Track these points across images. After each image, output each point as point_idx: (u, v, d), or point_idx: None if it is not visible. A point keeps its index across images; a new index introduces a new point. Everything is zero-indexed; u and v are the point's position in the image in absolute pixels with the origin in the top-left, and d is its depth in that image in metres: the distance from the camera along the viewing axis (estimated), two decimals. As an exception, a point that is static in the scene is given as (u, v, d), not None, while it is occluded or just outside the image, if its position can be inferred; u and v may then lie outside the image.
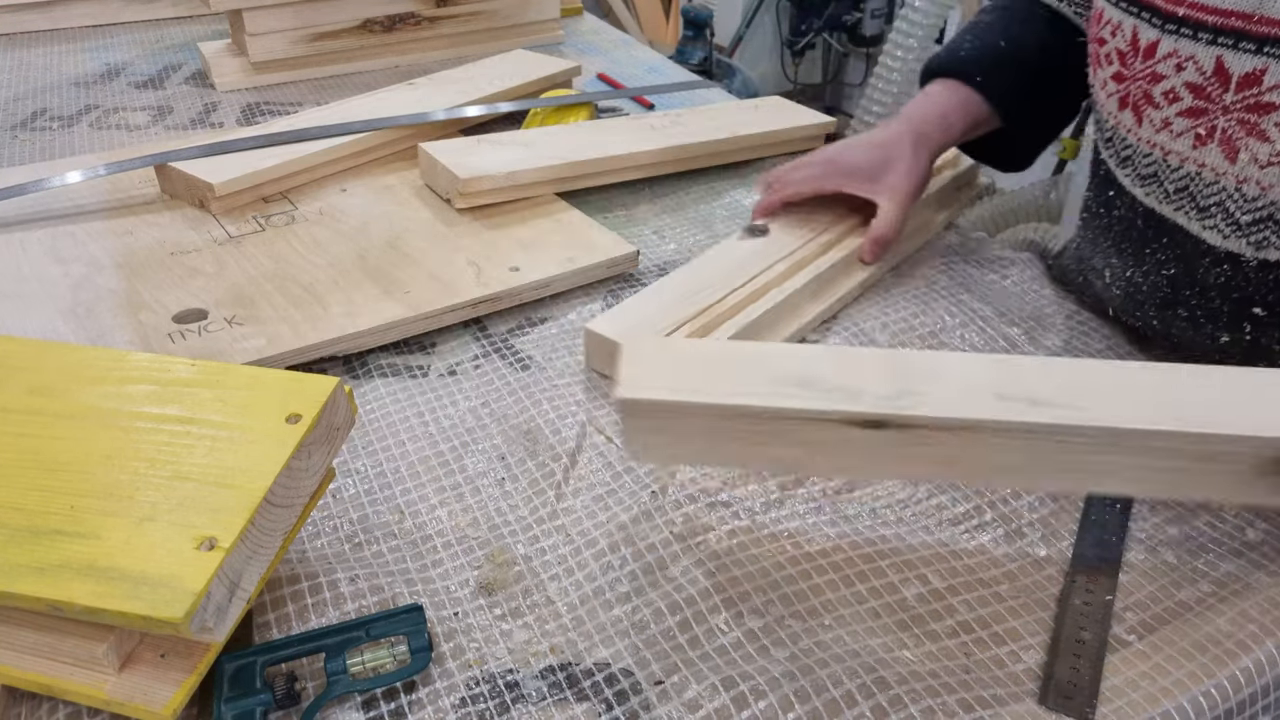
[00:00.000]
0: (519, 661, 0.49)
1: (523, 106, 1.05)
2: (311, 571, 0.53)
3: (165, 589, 0.40)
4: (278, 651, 0.47)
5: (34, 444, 0.47)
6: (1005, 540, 0.56)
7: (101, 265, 0.79)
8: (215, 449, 0.46)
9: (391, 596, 0.52)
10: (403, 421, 0.64)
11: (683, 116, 1.01)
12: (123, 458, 0.46)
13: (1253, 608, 0.52)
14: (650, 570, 0.54)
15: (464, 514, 0.58)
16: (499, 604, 0.52)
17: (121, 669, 0.44)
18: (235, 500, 0.43)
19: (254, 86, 1.17)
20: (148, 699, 0.43)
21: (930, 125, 0.76)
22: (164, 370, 0.51)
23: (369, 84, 1.15)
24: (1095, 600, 0.52)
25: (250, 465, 0.45)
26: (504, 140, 0.94)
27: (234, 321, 0.71)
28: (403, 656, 0.47)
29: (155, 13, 1.39)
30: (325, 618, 0.50)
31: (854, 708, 0.46)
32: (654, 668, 0.48)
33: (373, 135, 0.95)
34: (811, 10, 3.02)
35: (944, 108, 0.77)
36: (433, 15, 1.24)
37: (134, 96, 1.14)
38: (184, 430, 0.47)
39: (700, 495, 0.59)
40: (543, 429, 0.64)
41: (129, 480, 0.45)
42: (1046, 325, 0.73)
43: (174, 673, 0.44)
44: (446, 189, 0.88)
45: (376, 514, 0.58)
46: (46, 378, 0.51)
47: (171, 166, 0.88)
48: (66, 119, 1.08)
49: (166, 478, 0.45)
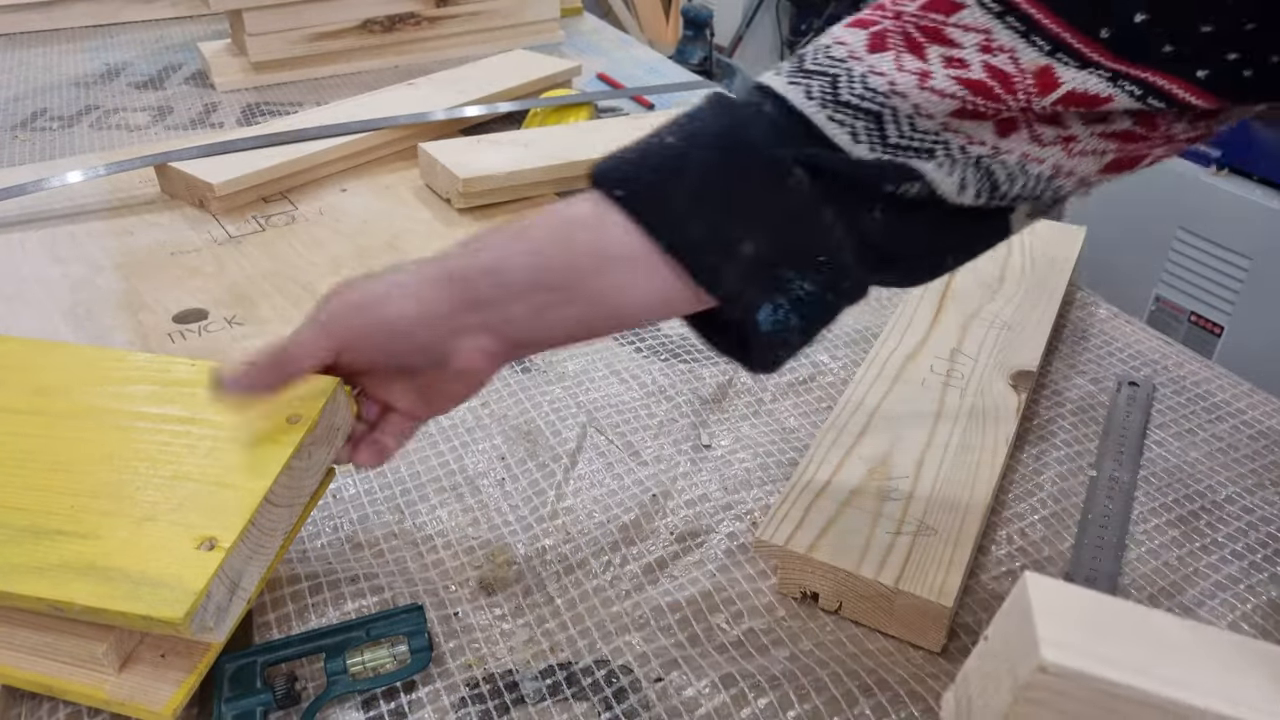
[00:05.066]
0: (519, 661, 0.49)
1: (523, 106, 1.05)
2: (311, 571, 0.53)
3: (166, 589, 0.40)
4: (278, 651, 0.47)
5: (35, 444, 0.47)
6: (1006, 540, 0.56)
7: (101, 265, 0.79)
8: (216, 449, 0.46)
9: (391, 596, 0.52)
10: (403, 421, 0.64)
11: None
12: (123, 457, 0.46)
13: (1254, 610, 0.52)
14: (650, 570, 0.54)
15: (464, 514, 0.58)
16: (499, 604, 0.52)
17: (121, 669, 0.44)
18: (235, 501, 0.43)
19: (254, 86, 1.17)
20: (148, 699, 0.43)
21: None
22: (164, 370, 0.51)
23: (369, 84, 1.15)
24: (1095, 600, 0.52)
25: (250, 465, 0.45)
26: (504, 140, 0.94)
27: (234, 321, 0.71)
28: (403, 656, 0.47)
29: (155, 13, 1.39)
30: (325, 618, 0.50)
31: (854, 707, 0.46)
32: (653, 665, 0.48)
33: (373, 135, 0.96)
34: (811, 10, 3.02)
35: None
36: (433, 15, 1.24)
37: (134, 97, 1.14)
38: (184, 430, 0.47)
39: (700, 499, 0.59)
40: (543, 429, 0.64)
41: (129, 480, 0.45)
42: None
43: (174, 672, 0.44)
44: (446, 189, 0.88)
45: (376, 514, 0.58)
46: (47, 378, 0.51)
47: (171, 166, 0.88)
48: (66, 119, 1.08)
49: (167, 478, 0.45)
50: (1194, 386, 0.69)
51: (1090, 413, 0.66)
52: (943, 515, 0.53)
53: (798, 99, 0.42)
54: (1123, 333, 0.75)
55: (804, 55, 0.43)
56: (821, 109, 0.41)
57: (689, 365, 0.70)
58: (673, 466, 0.61)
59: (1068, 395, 0.68)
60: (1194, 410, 0.67)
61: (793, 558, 0.51)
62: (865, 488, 0.55)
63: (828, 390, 0.68)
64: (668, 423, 0.65)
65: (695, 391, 0.68)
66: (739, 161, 0.42)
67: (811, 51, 0.43)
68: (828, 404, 0.67)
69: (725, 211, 0.42)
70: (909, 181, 0.42)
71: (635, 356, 0.71)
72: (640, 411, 0.66)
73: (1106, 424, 0.65)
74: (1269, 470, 0.62)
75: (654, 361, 0.70)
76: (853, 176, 0.42)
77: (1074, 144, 0.42)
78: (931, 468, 0.57)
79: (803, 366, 0.70)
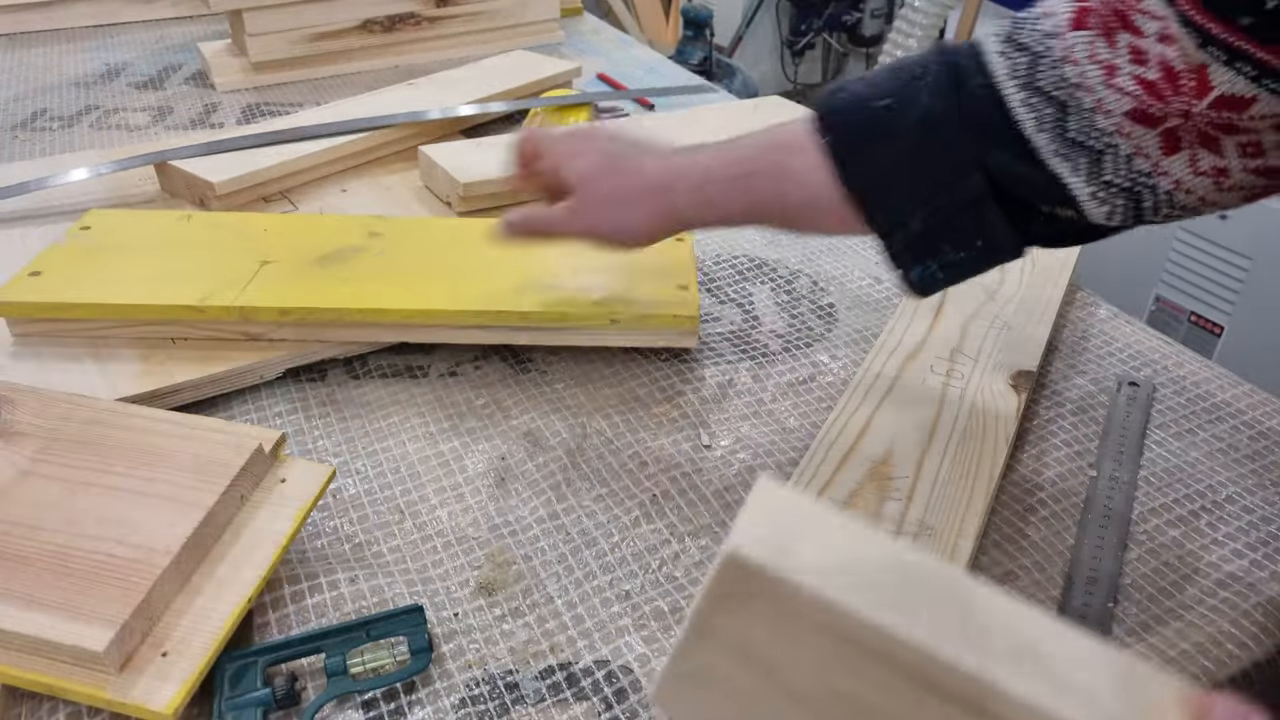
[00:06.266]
0: (519, 661, 0.49)
1: (522, 106, 1.05)
2: (311, 571, 0.53)
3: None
4: (278, 651, 0.47)
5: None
6: (1006, 540, 0.56)
7: (101, 265, 0.79)
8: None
9: (391, 596, 0.52)
10: (403, 421, 0.64)
11: (682, 117, 1.01)
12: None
13: (1255, 609, 0.52)
14: (650, 570, 0.54)
15: (464, 514, 0.58)
16: (499, 604, 0.52)
17: (122, 668, 0.44)
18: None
19: (254, 86, 1.17)
20: (149, 698, 0.43)
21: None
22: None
23: (369, 84, 1.15)
24: (1095, 603, 0.52)
25: None
26: (504, 142, 0.93)
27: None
28: (403, 657, 0.47)
29: (155, 13, 1.39)
30: (325, 618, 0.50)
31: (854, 708, 0.46)
32: (653, 665, 0.48)
33: (372, 135, 0.95)
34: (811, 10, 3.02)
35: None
36: (433, 15, 1.24)
37: (134, 97, 1.14)
38: None
39: (700, 499, 0.59)
40: (542, 429, 0.64)
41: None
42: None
43: (176, 671, 0.44)
44: (447, 193, 0.88)
45: (376, 514, 0.58)
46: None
47: (172, 165, 0.88)
48: (66, 119, 1.08)
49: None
50: (1194, 386, 0.69)
51: (1090, 413, 0.66)
52: (943, 515, 0.53)
53: (1001, 75, 0.46)
54: (1123, 333, 0.75)
55: (1020, 23, 0.47)
56: (1019, 90, 0.45)
57: (689, 365, 0.70)
58: (673, 466, 0.61)
59: (1068, 395, 0.68)
60: (1194, 410, 0.67)
61: None
62: (865, 488, 0.55)
63: (828, 390, 0.68)
64: (668, 423, 0.65)
65: (695, 391, 0.68)
66: (932, 149, 0.47)
67: (1026, 20, 0.46)
68: (828, 404, 0.67)
69: (907, 188, 0.48)
70: (1065, 208, 0.47)
71: (636, 356, 0.71)
72: (640, 411, 0.66)
73: (1106, 424, 0.65)
74: (1269, 470, 0.62)
75: (654, 361, 0.70)
76: (1019, 196, 0.47)
77: (1225, 178, 0.44)
78: (931, 468, 0.57)
79: (803, 367, 0.70)
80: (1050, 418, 0.66)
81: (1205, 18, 0.40)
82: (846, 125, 0.50)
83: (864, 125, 0.49)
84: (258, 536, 0.50)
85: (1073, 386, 0.69)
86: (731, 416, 0.66)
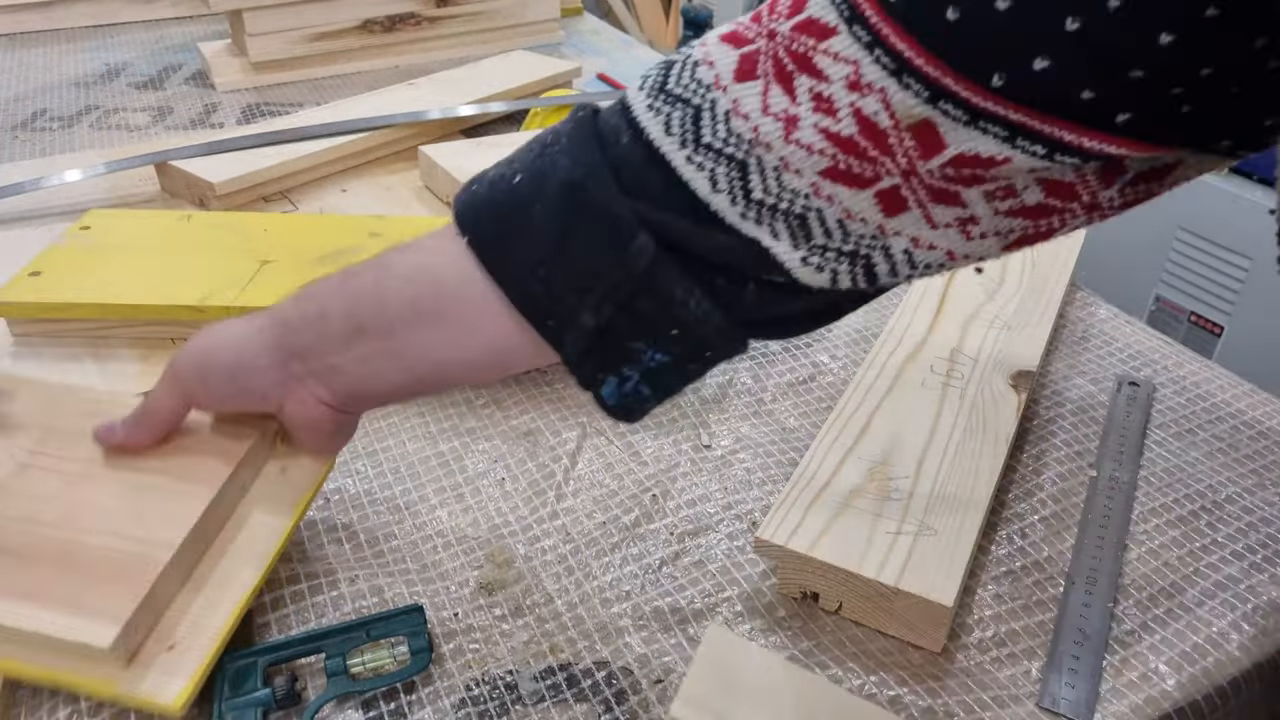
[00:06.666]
0: (519, 662, 0.49)
1: (522, 106, 1.05)
2: (311, 571, 0.53)
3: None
4: (278, 651, 0.47)
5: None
6: (1006, 540, 0.56)
7: (101, 265, 0.79)
8: None
9: (391, 597, 0.52)
10: (403, 421, 0.64)
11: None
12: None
13: (1254, 610, 0.52)
14: (650, 570, 0.54)
15: (464, 514, 0.58)
16: (499, 604, 0.52)
17: (129, 663, 0.44)
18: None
19: (254, 86, 1.17)
20: (157, 692, 0.43)
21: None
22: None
23: (369, 84, 1.15)
24: (1095, 602, 0.52)
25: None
26: (504, 142, 0.94)
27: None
28: (403, 657, 0.47)
29: (155, 13, 1.39)
30: (325, 618, 0.50)
31: (854, 708, 0.46)
32: (653, 666, 0.48)
33: (373, 135, 0.95)
34: (811, 10, 3.02)
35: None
36: (433, 15, 1.24)
37: (134, 97, 1.14)
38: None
39: (700, 499, 0.59)
40: (543, 429, 0.64)
41: None
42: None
43: (183, 665, 0.44)
44: (447, 193, 0.88)
45: (376, 514, 0.57)
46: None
47: (172, 165, 0.88)
48: (66, 119, 1.08)
49: None
50: (1194, 386, 0.69)
51: (1090, 413, 0.66)
52: (943, 515, 0.53)
53: (656, 133, 0.37)
54: (1123, 333, 0.75)
55: (669, 68, 0.38)
56: (680, 149, 0.36)
57: (689, 365, 0.70)
58: (673, 466, 0.61)
59: (1068, 395, 0.68)
60: (1194, 410, 0.67)
61: (793, 557, 0.51)
62: (865, 488, 0.55)
63: (828, 390, 0.68)
64: (668, 423, 0.65)
65: (695, 391, 0.67)
66: (581, 220, 0.37)
67: (678, 66, 0.38)
68: (828, 404, 0.67)
69: (561, 272, 0.38)
70: (771, 272, 0.37)
71: (635, 357, 0.71)
72: (640, 412, 0.66)
73: (1106, 424, 0.65)
74: (1269, 470, 0.62)
75: (654, 362, 0.70)
76: (707, 258, 0.37)
77: (973, 226, 0.36)
78: (931, 468, 0.57)
79: (803, 366, 0.70)
80: (1050, 418, 0.66)
81: (938, 69, 0.32)
82: (479, 218, 0.40)
83: (498, 210, 0.39)
84: (259, 529, 0.50)
85: (1073, 386, 0.69)
86: (731, 416, 0.66)
